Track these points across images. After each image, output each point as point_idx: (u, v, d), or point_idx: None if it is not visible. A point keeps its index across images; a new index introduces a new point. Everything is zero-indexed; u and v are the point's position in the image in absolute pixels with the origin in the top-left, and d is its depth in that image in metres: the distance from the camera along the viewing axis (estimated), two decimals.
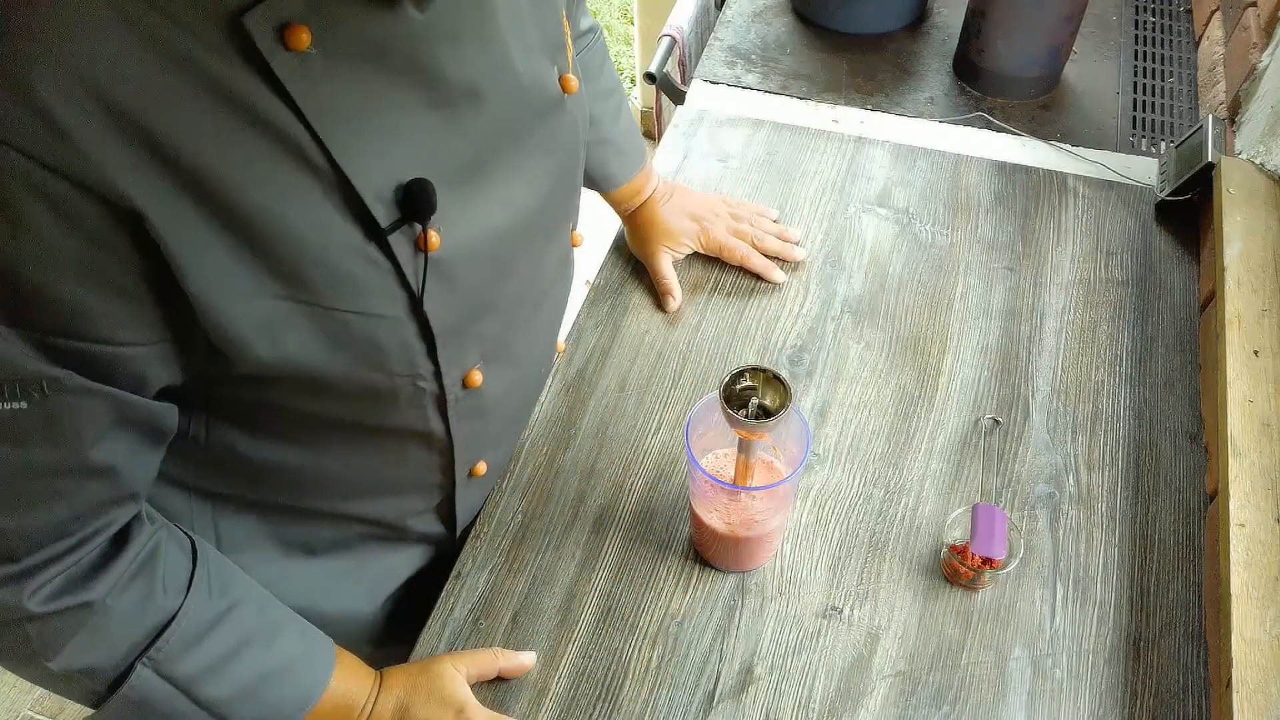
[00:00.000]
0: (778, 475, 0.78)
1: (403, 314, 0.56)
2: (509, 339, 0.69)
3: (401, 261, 0.54)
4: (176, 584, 0.59)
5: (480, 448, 0.75)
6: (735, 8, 1.36)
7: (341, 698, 0.68)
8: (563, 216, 0.71)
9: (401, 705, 0.69)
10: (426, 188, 0.52)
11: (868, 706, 0.72)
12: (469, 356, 0.64)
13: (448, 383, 0.63)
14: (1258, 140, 1.00)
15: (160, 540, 0.59)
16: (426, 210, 0.52)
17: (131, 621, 0.57)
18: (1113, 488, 0.84)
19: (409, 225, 0.53)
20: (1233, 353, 0.84)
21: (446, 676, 0.70)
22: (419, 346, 0.59)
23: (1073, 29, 1.17)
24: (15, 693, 1.67)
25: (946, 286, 0.99)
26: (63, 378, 0.46)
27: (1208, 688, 0.73)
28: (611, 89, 0.92)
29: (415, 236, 0.54)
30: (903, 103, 1.21)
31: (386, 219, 0.51)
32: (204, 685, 0.60)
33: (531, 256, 0.67)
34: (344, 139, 0.48)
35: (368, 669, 0.71)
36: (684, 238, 0.99)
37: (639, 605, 0.78)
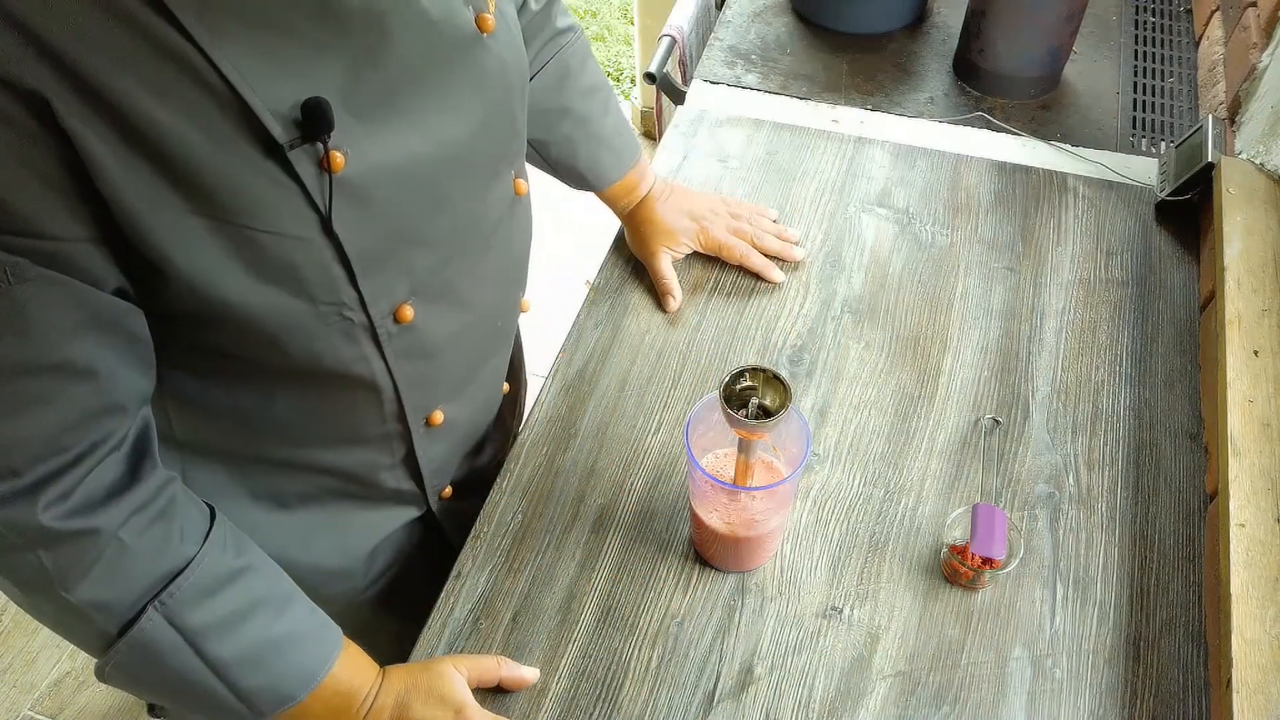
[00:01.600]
0: (778, 475, 0.78)
1: (315, 235, 0.57)
2: (448, 278, 0.69)
3: (305, 180, 0.55)
4: (194, 534, 0.62)
5: (431, 394, 0.75)
6: (735, 8, 1.36)
7: (344, 685, 0.68)
8: (500, 157, 0.71)
9: (401, 702, 0.70)
10: (321, 104, 0.53)
11: (868, 706, 0.72)
12: (397, 288, 0.65)
13: (374, 314, 0.64)
14: (1258, 140, 1.00)
15: (177, 493, 0.62)
16: (323, 127, 0.54)
17: (148, 562, 0.59)
18: (1113, 488, 0.84)
19: (311, 145, 0.54)
20: (1233, 353, 0.84)
21: (447, 676, 0.71)
22: (339, 273, 0.60)
23: (1073, 29, 1.17)
24: (15, 693, 1.67)
25: (946, 286, 0.99)
26: (22, 264, 0.49)
27: (1208, 688, 0.73)
28: (595, 86, 0.92)
29: (318, 157, 0.55)
30: (903, 103, 1.21)
31: (285, 137, 0.53)
32: (211, 641, 0.61)
33: (466, 193, 0.67)
34: (237, 60, 0.50)
35: (372, 663, 0.71)
36: (682, 237, 0.99)
37: (639, 605, 0.78)
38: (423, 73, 0.60)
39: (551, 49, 0.87)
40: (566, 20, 0.89)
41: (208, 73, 0.50)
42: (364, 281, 0.61)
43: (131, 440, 0.60)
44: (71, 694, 1.67)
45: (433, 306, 0.68)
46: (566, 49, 0.88)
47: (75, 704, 1.66)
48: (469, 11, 0.63)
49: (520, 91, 0.72)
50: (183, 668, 0.61)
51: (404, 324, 0.66)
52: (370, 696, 0.69)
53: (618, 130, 0.95)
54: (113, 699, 1.67)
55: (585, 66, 0.91)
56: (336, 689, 0.68)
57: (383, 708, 0.69)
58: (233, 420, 0.69)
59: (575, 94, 0.89)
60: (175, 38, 0.48)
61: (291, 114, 0.53)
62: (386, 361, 0.68)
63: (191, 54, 0.49)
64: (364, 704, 0.69)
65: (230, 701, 0.64)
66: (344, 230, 0.58)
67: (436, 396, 0.76)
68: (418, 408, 0.74)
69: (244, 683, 0.63)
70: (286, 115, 0.53)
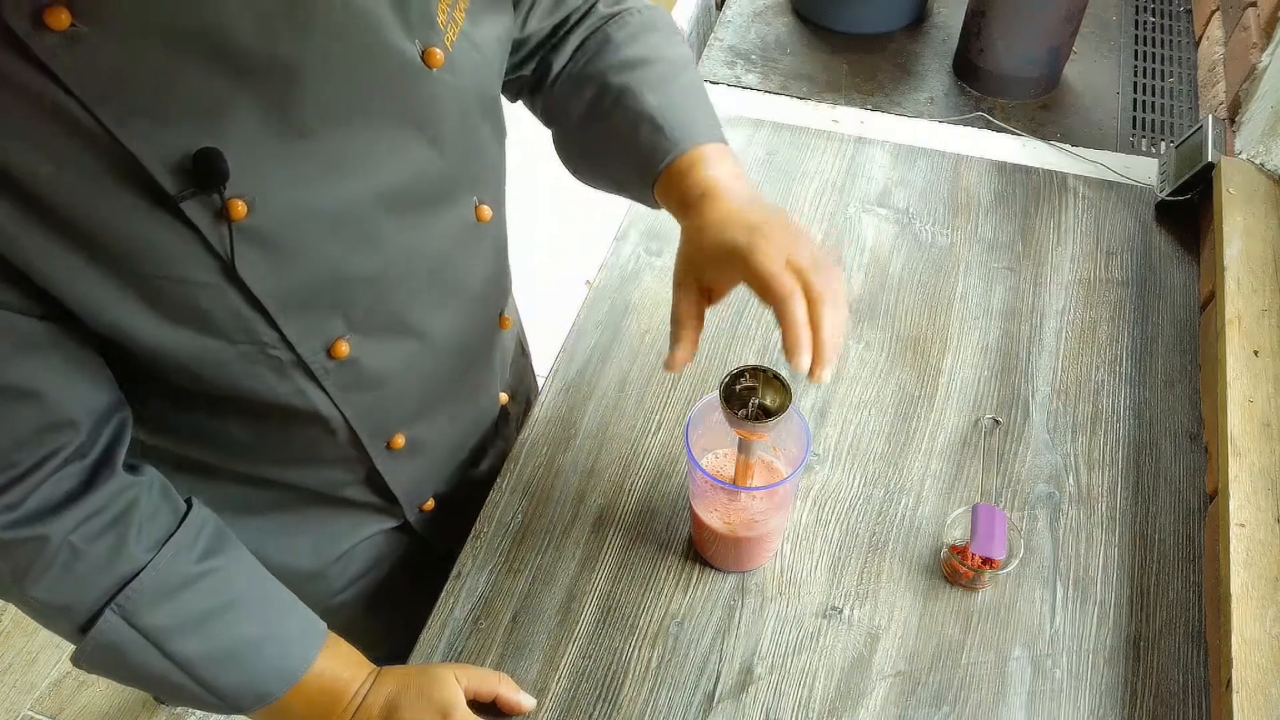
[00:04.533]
0: (778, 475, 0.78)
1: (219, 281, 0.56)
2: (393, 310, 0.67)
3: (203, 229, 0.53)
4: (152, 539, 0.62)
5: (386, 420, 0.73)
6: (735, 8, 1.36)
7: (330, 682, 0.68)
8: (453, 188, 0.67)
9: (391, 702, 0.69)
10: (212, 156, 0.51)
11: (868, 706, 0.72)
12: (328, 326, 0.63)
13: (304, 352, 0.62)
14: (1258, 140, 1.00)
15: (138, 496, 0.62)
16: (215, 179, 0.52)
17: (102, 567, 0.60)
18: (1113, 488, 0.84)
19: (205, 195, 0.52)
20: (1233, 353, 0.84)
21: (441, 681, 0.70)
22: (252, 315, 0.58)
23: (1073, 29, 1.17)
24: (15, 693, 1.67)
25: (946, 286, 0.99)
26: None
27: (1208, 688, 0.73)
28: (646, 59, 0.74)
29: (216, 208, 0.53)
30: (903, 103, 1.21)
31: (175, 188, 0.51)
32: (175, 640, 0.62)
33: (403, 228, 0.64)
34: (120, 112, 0.48)
35: (363, 662, 0.71)
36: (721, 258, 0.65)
37: (639, 605, 0.78)
38: (345, 113, 0.57)
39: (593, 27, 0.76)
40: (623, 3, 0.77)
41: (90, 125, 0.48)
42: (285, 323, 0.60)
43: (97, 450, 0.60)
44: (71, 694, 1.67)
45: (374, 340, 0.66)
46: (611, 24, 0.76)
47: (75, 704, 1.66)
48: (413, 46, 0.59)
49: (483, 116, 0.68)
50: (149, 664, 0.62)
51: (340, 359, 0.64)
52: (359, 695, 0.69)
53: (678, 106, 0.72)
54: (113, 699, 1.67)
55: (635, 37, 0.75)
56: (321, 686, 0.68)
57: (371, 705, 0.69)
58: (192, 436, 0.69)
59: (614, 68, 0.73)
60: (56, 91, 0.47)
61: (183, 163, 0.51)
62: (328, 394, 0.66)
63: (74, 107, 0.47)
64: (352, 701, 0.69)
65: (206, 696, 0.65)
66: (251, 276, 0.56)
67: (393, 422, 0.74)
68: (374, 434, 0.73)
69: (217, 680, 0.64)
70: (178, 165, 0.51)
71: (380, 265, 0.64)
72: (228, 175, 0.52)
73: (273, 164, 0.55)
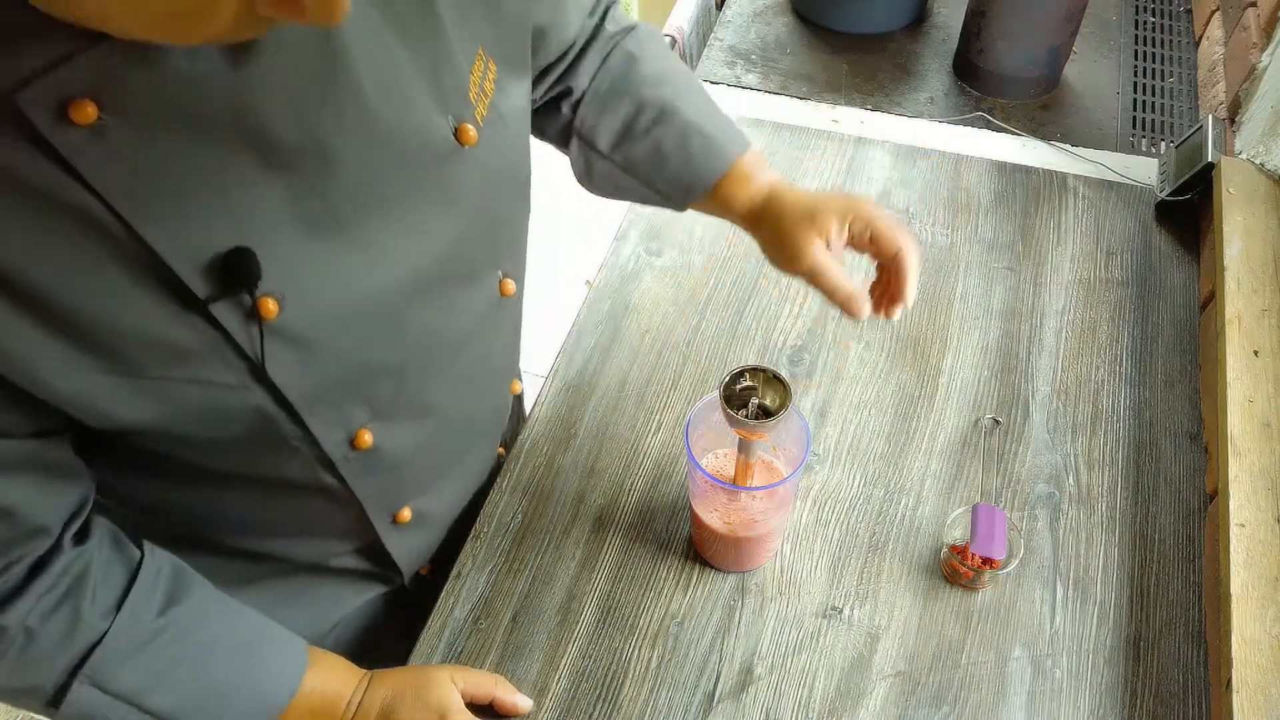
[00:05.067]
0: (778, 475, 0.78)
1: (248, 383, 0.53)
2: (415, 394, 0.65)
3: (231, 331, 0.50)
4: (107, 604, 0.58)
5: (396, 497, 0.72)
6: (735, 8, 1.36)
7: (321, 698, 0.68)
8: (480, 266, 0.66)
9: (388, 706, 0.69)
10: (245, 257, 0.49)
11: (868, 706, 0.72)
12: (353, 417, 0.61)
13: (328, 446, 0.60)
14: (1258, 140, 1.00)
15: (90, 561, 0.58)
16: (246, 280, 0.49)
17: (61, 644, 0.57)
18: (1113, 488, 0.84)
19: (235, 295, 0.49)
20: (1233, 353, 0.84)
21: (438, 682, 0.70)
22: (279, 413, 0.56)
23: (1073, 29, 1.17)
24: None
25: (946, 286, 0.99)
26: None
27: (1208, 688, 0.73)
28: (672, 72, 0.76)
29: (246, 308, 0.50)
30: (903, 103, 1.21)
31: (205, 290, 0.48)
32: (150, 695, 0.60)
33: (430, 311, 0.62)
34: (147, 211, 0.45)
35: (353, 670, 0.71)
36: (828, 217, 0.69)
37: (639, 605, 0.78)
38: (380, 198, 0.55)
39: (606, 48, 0.76)
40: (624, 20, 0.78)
41: (115, 227, 0.45)
42: (310, 418, 0.57)
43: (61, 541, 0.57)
44: None
45: (394, 424, 0.64)
46: (625, 40, 0.76)
47: None
48: (447, 123, 0.57)
49: (513, 192, 0.67)
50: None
51: (363, 449, 0.63)
52: (353, 704, 0.69)
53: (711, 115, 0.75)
54: None
55: (654, 53, 0.77)
56: (311, 706, 0.67)
57: (368, 711, 0.68)
58: (188, 514, 0.67)
59: (647, 83, 0.74)
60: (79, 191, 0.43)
61: (213, 263, 0.48)
62: (344, 480, 0.64)
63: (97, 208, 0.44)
64: (346, 711, 0.68)
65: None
66: (281, 376, 0.54)
67: (403, 498, 0.73)
68: (382, 510, 0.71)
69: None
70: (207, 265, 0.48)
71: (407, 351, 0.62)
72: (260, 275, 0.49)
73: (303, 257, 0.52)
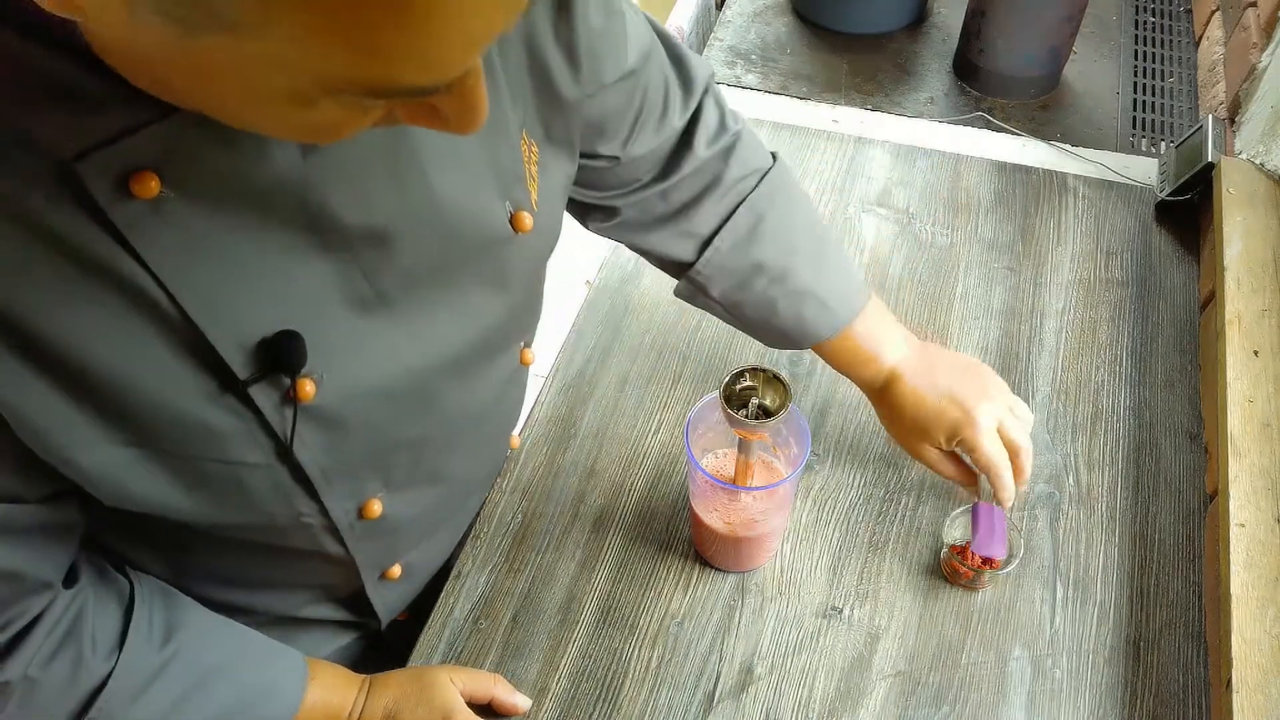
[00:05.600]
0: (778, 475, 0.78)
1: (271, 461, 0.52)
2: (430, 467, 0.65)
3: (265, 412, 0.49)
4: (107, 645, 0.57)
5: (390, 558, 0.71)
6: (735, 8, 1.36)
7: (324, 710, 0.67)
8: (511, 341, 0.67)
9: (390, 712, 0.69)
10: (293, 342, 0.48)
11: (868, 706, 0.72)
12: (366, 489, 0.61)
13: (337, 515, 0.60)
14: (1258, 140, 1.00)
15: (85, 603, 0.56)
16: (291, 365, 0.48)
17: (64, 691, 0.55)
18: (1113, 488, 0.84)
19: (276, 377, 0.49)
20: (1233, 353, 0.84)
21: (439, 684, 0.70)
22: (296, 489, 0.55)
23: (1073, 29, 1.17)
24: None
25: (946, 286, 0.99)
26: None
27: (1208, 688, 0.73)
28: (795, 229, 0.76)
29: (284, 389, 0.49)
30: (903, 103, 1.21)
31: (246, 370, 0.47)
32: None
33: (461, 388, 0.62)
34: (198, 289, 0.44)
35: (352, 677, 0.70)
36: (941, 433, 0.75)
37: (639, 605, 0.78)
38: (430, 280, 0.54)
39: (732, 198, 0.74)
40: (753, 161, 0.75)
41: (163, 302, 0.44)
42: (326, 494, 0.57)
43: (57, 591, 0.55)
44: None
45: (404, 493, 0.64)
46: (752, 195, 0.74)
47: None
48: (505, 209, 0.56)
49: (544, 269, 0.67)
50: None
51: (371, 519, 0.62)
52: (355, 711, 0.69)
53: (828, 277, 0.76)
54: None
55: (783, 208, 0.76)
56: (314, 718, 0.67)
57: (371, 716, 0.69)
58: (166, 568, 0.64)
59: (769, 245, 0.74)
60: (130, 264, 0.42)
61: (258, 344, 0.47)
62: (345, 546, 0.64)
63: (147, 282, 0.43)
64: (350, 717, 0.68)
65: None
66: (306, 455, 0.53)
67: (396, 556, 0.72)
68: (373, 569, 0.70)
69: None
70: (251, 347, 0.47)
71: (431, 425, 0.62)
72: (305, 361, 0.49)
73: (345, 336, 0.52)
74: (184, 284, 0.44)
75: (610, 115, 0.65)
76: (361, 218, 0.48)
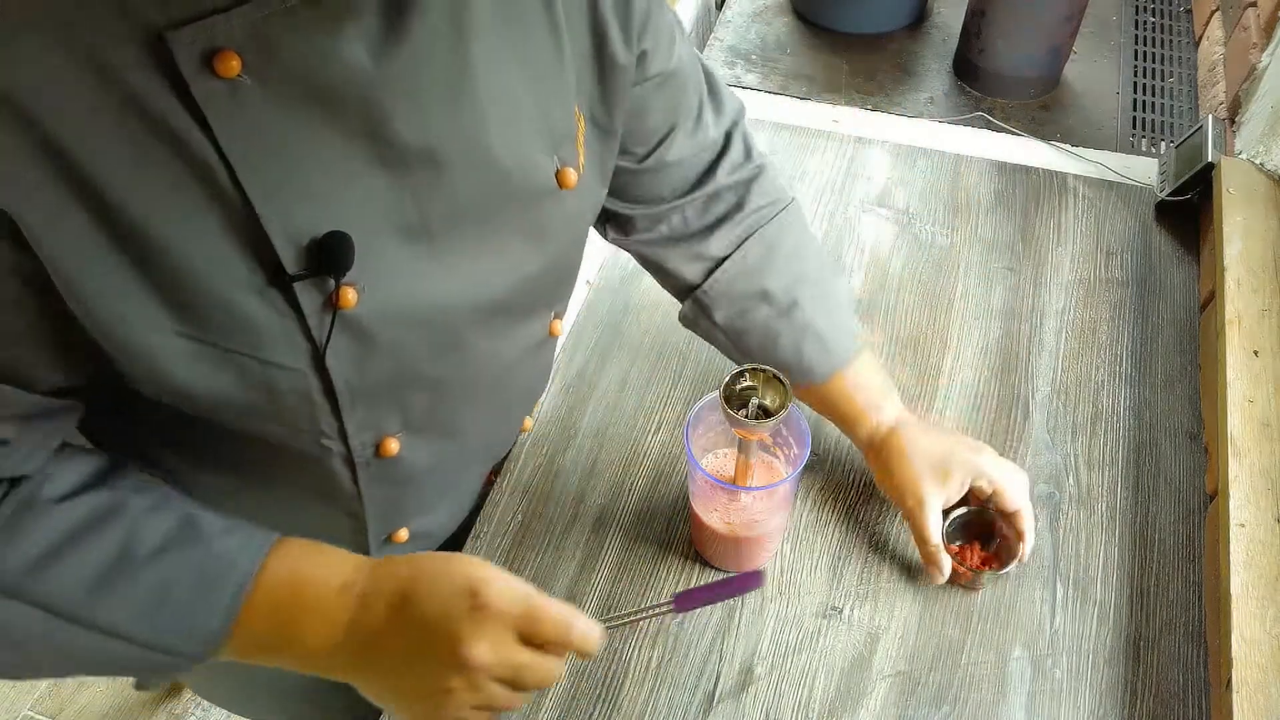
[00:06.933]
0: (778, 475, 0.78)
1: (304, 367, 0.53)
2: (448, 414, 0.65)
3: (307, 313, 0.51)
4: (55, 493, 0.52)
5: (398, 517, 0.71)
6: (735, 8, 1.36)
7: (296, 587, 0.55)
8: (543, 304, 0.68)
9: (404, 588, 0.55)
10: (344, 242, 0.49)
11: (868, 706, 0.72)
12: (386, 423, 0.61)
13: (355, 445, 0.60)
14: (1258, 140, 1.00)
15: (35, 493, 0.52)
16: (338, 266, 0.49)
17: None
18: (1113, 488, 0.84)
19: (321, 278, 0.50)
20: (1233, 353, 0.84)
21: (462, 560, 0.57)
22: (322, 404, 0.56)
23: (1073, 29, 1.17)
24: (15, 693, 1.67)
25: (946, 286, 0.99)
26: None
27: (1208, 688, 0.73)
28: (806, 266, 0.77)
29: (328, 293, 0.51)
30: (903, 103, 1.21)
31: (294, 266, 0.49)
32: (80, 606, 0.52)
33: (490, 339, 0.63)
34: (262, 175, 0.46)
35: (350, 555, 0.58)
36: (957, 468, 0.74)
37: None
38: (474, 218, 0.56)
39: (748, 225, 0.75)
40: (772, 193, 0.77)
41: (226, 184, 0.45)
42: (348, 416, 0.57)
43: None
44: (71, 694, 1.67)
45: (419, 439, 0.64)
46: (768, 225, 0.76)
47: (75, 704, 1.66)
48: (552, 163, 0.58)
49: (584, 237, 0.68)
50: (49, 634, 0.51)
51: (386, 457, 0.62)
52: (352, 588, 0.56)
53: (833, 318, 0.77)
54: (113, 699, 1.67)
55: (795, 242, 0.77)
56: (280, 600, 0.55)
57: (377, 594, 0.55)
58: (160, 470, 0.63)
59: (778, 275, 0.75)
60: (201, 140, 0.44)
61: (308, 243, 0.49)
62: (358, 485, 0.63)
63: (215, 161, 0.44)
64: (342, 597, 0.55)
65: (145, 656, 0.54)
66: (337, 366, 0.54)
67: (405, 516, 0.72)
68: (381, 528, 0.70)
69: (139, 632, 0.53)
70: (302, 244, 0.48)
71: (455, 369, 0.62)
72: (352, 264, 0.50)
73: (389, 256, 0.53)
74: (249, 168, 0.45)
75: (650, 109, 0.67)
76: (419, 138, 0.50)
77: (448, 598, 0.54)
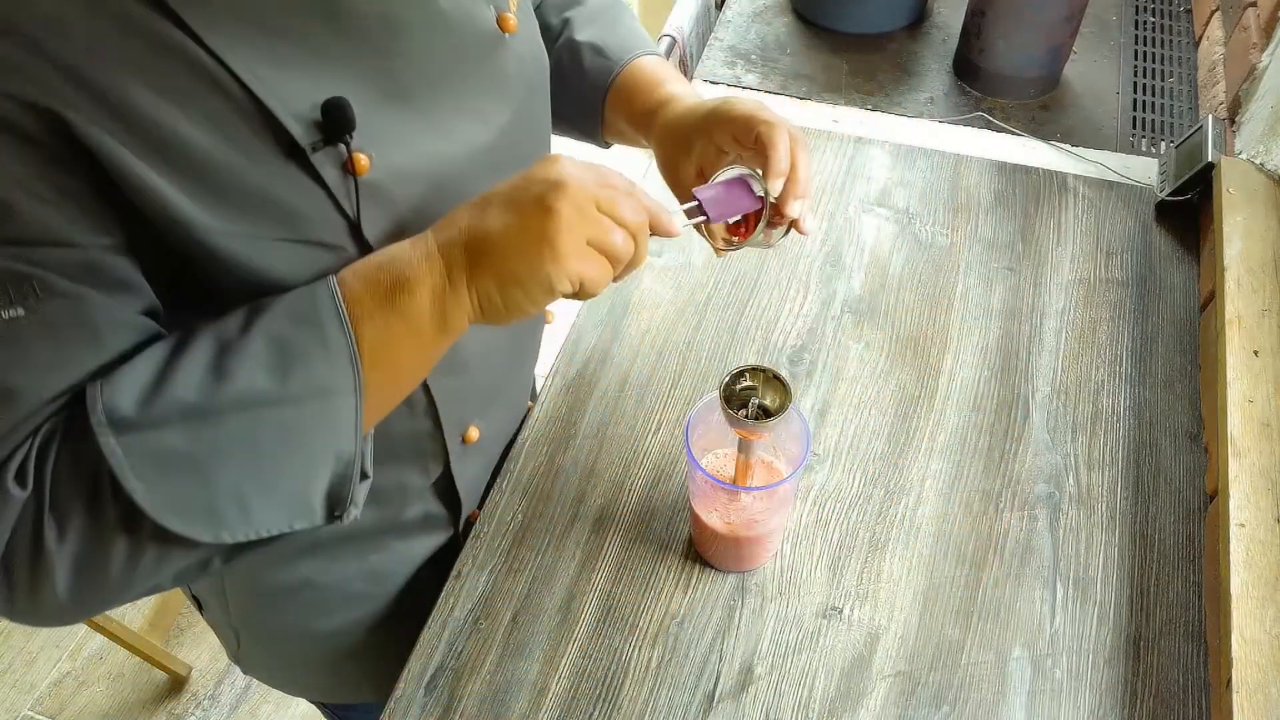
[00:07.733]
0: (778, 475, 0.78)
1: (347, 243, 0.56)
2: None
3: (330, 184, 0.54)
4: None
5: (466, 408, 0.74)
6: (735, 8, 1.36)
7: (373, 263, 0.56)
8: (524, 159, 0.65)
9: (483, 199, 0.56)
10: (342, 104, 0.52)
11: (868, 706, 0.72)
12: None
13: None
14: (1258, 140, 1.00)
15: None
16: (345, 127, 0.53)
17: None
18: (1113, 488, 0.84)
19: (333, 147, 0.53)
20: (1233, 353, 0.84)
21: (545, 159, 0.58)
22: None
23: (1073, 29, 1.17)
24: (15, 693, 1.67)
25: (946, 286, 0.99)
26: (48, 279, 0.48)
27: (1208, 688, 0.73)
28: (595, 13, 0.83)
29: (342, 160, 0.54)
30: (903, 103, 1.21)
31: (307, 139, 0.52)
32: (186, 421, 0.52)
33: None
34: (251, 63, 0.50)
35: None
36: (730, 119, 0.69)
37: (639, 605, 0.78)
38: (440, 75, 0.59)
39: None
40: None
41: (223, 78, 0.49)
42: None
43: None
44: (71, 694, 1.67)
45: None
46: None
47: (75, 704, 1.66)
48: (490, 11, 0.62)
49: (543, 93, 0.71)
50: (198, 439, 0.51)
51: None
52: (420, 239, 0.56)
53: (612, 32, 0.82)
54: (113, 699, 1.67)
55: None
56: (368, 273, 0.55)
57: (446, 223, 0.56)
58: None
59: (553, 7, 0.84)
60: (190, 46, 0.48)
61: (311, 115, 0.52)
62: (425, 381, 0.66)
63: (206, 60, 0.49)
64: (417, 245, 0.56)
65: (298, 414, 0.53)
66: (375, 235, 0.57)
67: (470, 410, 0.75)
68: (454, 423, 0.73)
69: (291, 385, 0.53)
70: (306, 117, 0.52)
71: None
72: (355, 123, 0.53)
73: (383, 121, 0.56)
74: (237, 58, 0.49)
75: None
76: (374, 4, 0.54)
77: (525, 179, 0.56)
